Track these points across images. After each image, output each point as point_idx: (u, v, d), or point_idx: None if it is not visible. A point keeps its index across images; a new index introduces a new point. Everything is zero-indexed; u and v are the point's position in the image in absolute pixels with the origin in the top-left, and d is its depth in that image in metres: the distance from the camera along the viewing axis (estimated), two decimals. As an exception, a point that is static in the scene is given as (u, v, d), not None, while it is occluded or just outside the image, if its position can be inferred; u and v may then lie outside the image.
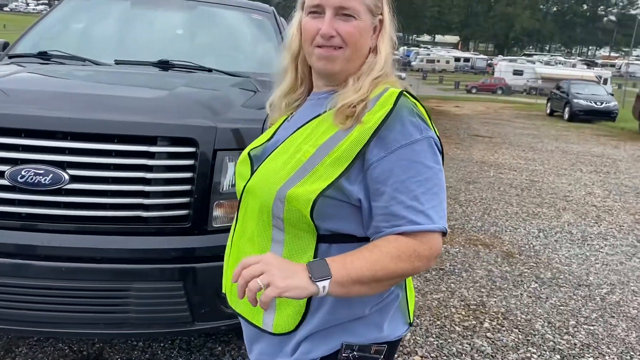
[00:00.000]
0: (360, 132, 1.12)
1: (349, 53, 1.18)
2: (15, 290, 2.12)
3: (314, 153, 1.13)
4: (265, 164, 1.22)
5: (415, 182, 1.11)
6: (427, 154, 1.13)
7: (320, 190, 1.11)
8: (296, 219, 1.14)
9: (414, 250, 1.09)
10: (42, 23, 3.72)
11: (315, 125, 1.19)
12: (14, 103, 2.27)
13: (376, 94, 1.17)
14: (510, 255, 4.95)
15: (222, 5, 4.07)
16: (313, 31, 1.18)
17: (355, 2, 1.17)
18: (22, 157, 2.10)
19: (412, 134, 1.12)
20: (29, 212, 2.13)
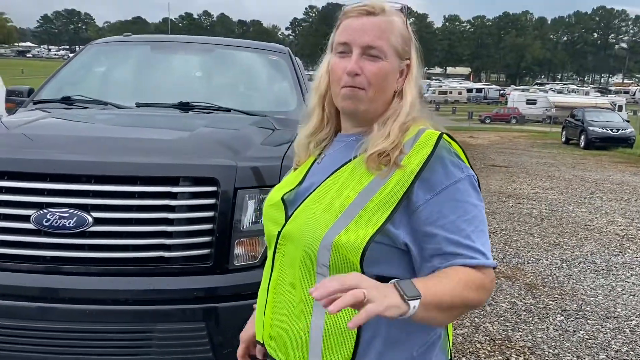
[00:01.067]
0: (401, 176, 1.12)
1: (372, 93, 1.18)
2: (40, 334, 2.13)
3: (356, 198, 1.13)
4: (303, 210, 1.20)
5: (465, 221, 1.11)
6: (470, 192, 1.14)
7: (369, 237, 1.09)
8: (342, 266, 1.12)
9: (481, 281, 1.09)
10: (65, 69, 3.84)
11: (351, 170, 1.18)
12: (39, 148, 2.33)
13: (410, 137, 1.17)
14: (534, 287, 4.86)
15: (239, 47, 4.17)
16: (340, 71, 1.19)
17: (383, 42, 1.17)
18: (47, 200, 2.14)
19: (454, 174, 1.13)
20: (53, 255, 2.15)
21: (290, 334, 1.20)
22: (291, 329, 1.20)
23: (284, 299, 1.22)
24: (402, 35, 1.21)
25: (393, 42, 1.19)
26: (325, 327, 1.14)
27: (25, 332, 2.13)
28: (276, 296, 1.24)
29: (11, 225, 2.15)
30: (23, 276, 2.15)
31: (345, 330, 1.13)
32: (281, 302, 1.22)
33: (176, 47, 4.13)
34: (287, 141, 2.76)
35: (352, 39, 1.18)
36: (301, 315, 1.18)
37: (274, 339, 1.23)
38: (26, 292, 2.13)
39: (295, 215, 1.21)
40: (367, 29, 1.18)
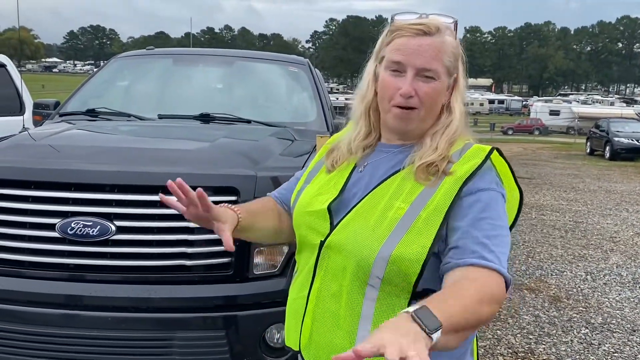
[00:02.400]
0: (451, 182, 1.13)
1: (423, 113, 1.20)
2: (63, 341, 2.17)
3: (408, 210, 1.13)
4: (351, 220, 1.19)
5: (490, 224, 1.11)
6: (499, 205, 1.15)
7: (428, 247, 1.10)
8: (396, 278, 1.12)
9: (494, 292, 1.05)
10: (90, 82, 3.93)
11: (400, 181, 1.18)
12: (65, 158, 2.39)
13: (456, 149, 1.19)
14: (558, 299, 4.77)
15: (259, 59, 4.22)
16: (392, 89, 1.19)
17: (438, 64, 1.18)
18: (72, 209, 2.19)
19: (490, 183, 1.16)
20: (77, 263, 2.20)
21: (333, 344, 1.19)
22: (334, 340, 1.19)
23: (327, 309, 1.21)
24: (453, 53, 1.22)
25: (446, 62, 1.20)
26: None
27: (50, 339, 2.17)
28: (318, 306, 1.23)
29: (37, 233, 2.20)
30: (48, 284, 2.19)
31: None
32: (323, 312, 1.21)
33: (198, 60, 4.20)
34: (306, 152, 2.79)
35: (407, 60, 1.18)
36: (346, 327, 1.17)
37: (313, 349, 1.23)
38: (51, 299, 2.18)
39: (343, 225, 1.20)
40: (422, 50, 1.17)
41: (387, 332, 0.88)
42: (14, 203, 2.24)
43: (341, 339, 1.18)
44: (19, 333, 2.19)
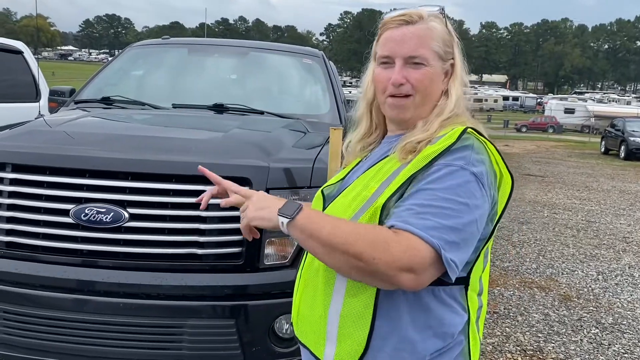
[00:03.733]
0: (417, 159, 1.16)
1: (418, 99, 1.23)
2: (75, 325, 2.19)
3: (377, 188, 1.17)
4: (335, 202, 1.27)
5: (433, 195, 1.09)
6: (460, 183, 1.10)
7: (378, 213, 1.13)
8: None
9: (384, 240, 1.05)
10: (105, 70, 3.95)
11: (382, 164, 1.23)
12: (79, 145, 2.40)
13: (442, 133, 1.20)
14: (568, 298, 4.74)
15: (273, 50, 4.22)
16: (385, 81, 1.24)
17: (424, 50, 1.21)
18: (86, 196, 2.21)
19: (456, 160, 1.12)
20: (90, 249, 2.22)
21: (312, 317, 1.26)
22: (313, 313, 1.25)
23: (311, 283, 1.28)
24: (442, 38, 1.24)
25: (434, 47, 1.22)
26: (342, 312, 1.18)
27: (61, 323, 2.19)
28: (304, 280, 1.31)
29: (51, 219, 2.23)
30: (61, 268, 2.22)
31: (360, 319, 1.17)
32: (308, 286, 1.28)
33: (212, 50, 4.20)
34: (319, 144, 2.78)
35: (394, 51, 1.22)
36: (322, 300, 1.23)
37: (300, 322, 1.30)
38: (63, 284, 2.20)
39: (329, 207, 1.28)
40: (407, 39, 1.21)
41: (258, 196, 1.23)
42: (29, 188, 2.26)
43: (317, 311, 1.24)
44: (32, 316, 2.22)
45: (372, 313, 1.15)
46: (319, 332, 1.23)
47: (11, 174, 2.28)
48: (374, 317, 1.15)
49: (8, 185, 2.28)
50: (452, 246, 1.06)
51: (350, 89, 41.86)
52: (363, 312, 1.16)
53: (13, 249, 2.28)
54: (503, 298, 4.63)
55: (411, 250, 1.04)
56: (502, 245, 6.32)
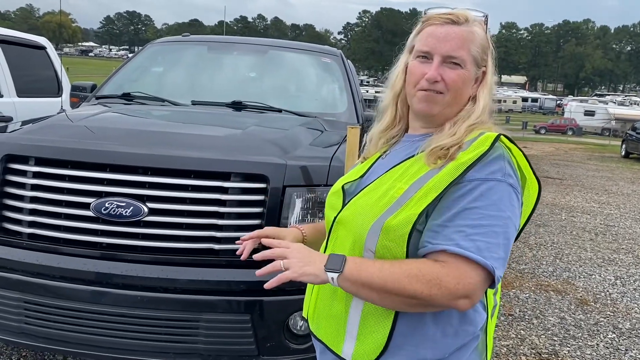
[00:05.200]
0: (452, 167, 1.14)
1: (449, 98, 1.23)
2: (92, 317, 2.23)
3: (407, 189, 1.16)
4: (358, 198, 1.25)
5: (479, 213, 1.10)
6: (501, 197, 1.12)
7: (413, 220, 1.12)
8: (388, 251, 1.16)
9: (436, 276, 1.07)
10: (126, 67, 4.00)
11: (408, 165, 1.22)
12: (100, 140, 2.44)
13: (471, 137, 1.20)
14: (585, 302, 4.69)
15: (292, 49, 4.24)
16: (419, 75, 1.23)
17: (464, 52, 1.22)
18: (106, 190, 2.24)
19: (493, 173, 1.13)
20: (109, 242, 2.26)
21: (331, 313, 1.26)
22: (332, 309, 1.26)
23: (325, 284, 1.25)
24: (481, 45, 1.25)
25: (473, 51, 1.23)
26: (364, 311, 1.20)
27: (80, 314, 2.23)
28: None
29: (72, 212, 2.27)
30: (80, 261, 2.26)
31: (382, 317, 1.18)
32: (322, 287, 1.29)
33: (231, 48, 4.23)
34: (335, 143, 2.79)
35: (434, 47, 1.22)
36: (342, 297, 1.23)
37: (316, 317, 1.31)
38: (82, 276, 2.24)
39: (351, 202, 1.26)
40: (450, 38, 1.21)
41: (296, 252, 1.15)
42: (51, 181, 2.31)
43: (338, 308, 1.24)
44: (52, 307, 2.26)
45: (394, 312, 1.17)
46: (339, 328, 1.24)
47: (34, 167, 2.32)
48: (396, 316, 1.17)
49: (31, 178, 2.33)
50: (501, 262, 1.10)
51: (368, 88, 41.76)
52: (385, 311, 1.17)
53: (35, 240, 2.32)
54: (518, 300, 4.60)
55: (464, 279, 1.07)
56: (519, 248, 6.27)
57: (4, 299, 2.31)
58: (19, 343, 2.39)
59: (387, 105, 1.36)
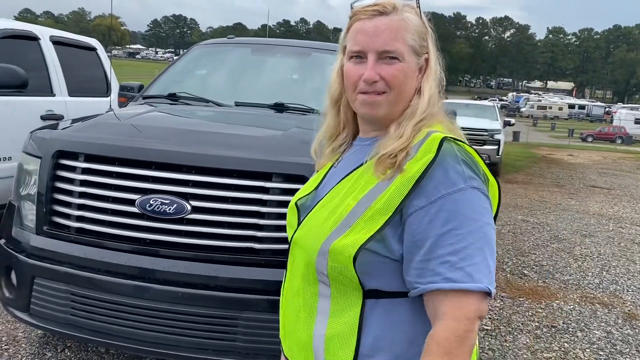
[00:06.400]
0: (401, 183, 1.05)
1: (393, 97, 1.12)
2: (134, 311, 2.28)
3: (355, 206, 1.07)
4: (310, 216, 1.17)
5: (456, 235, 1.02)
6: (471, 205, 1.04)
7: (360, 243, 1.05)
8: (340, 275, 1.08)
9: (457, 331, 1.01)
10: (172, 68, 4.09)
11: (357, 177, 1.13)
12: (146, 138, 2.50)
13: (419, 139, 1.09)
14: (633, 317, 4.51)
15: (335, 51, 4.23)
16: (356, 77, 1.13)
17: (399, 44, 1.11)
18: (151, 187, 2.29)
19: (454, 183, 1.03)
20: (153, 238, 2.30)
21: (297, 337, 1.19)
22: (297, 333, 1.19)
23: (292, 303, 1.21)
24: (417, 31, 1.14)
25: (409, 41, 1.12)
26: (327, 335, 1.12)
27: (122, 308, 2.29)
28: (286, 300, 1.24)
29: (118, 207, 2.33)
30: (124, 255, 2.32)
31: (346, 339, 1.11)
32: (290, 306, 1.22)
33: (275, 50, 4.27)
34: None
35: (366, 45, 1.11)
36: (305, 321, 1.17)
37: (287, 340, 1.24)
38: (125, 270, 2.30)
39: (305, 221, 1.18)
40: (380, 31, 1.11)
41: None
42: (99, 177, 2.38)
43: (302, 333, 1.17)
44: (96, 300, 2.32)
45: (357, 332, 1.10)
46: (306, 352, 1.17)
47: (83, 164, 2.40)
48: (359, 337, 1.10)
49: (80, 174, 2.40)
50: (492, 276, 1.04)
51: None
52: (348, 332, 1.11)
53: (82, 234, 2.40)
54: (562, 312, 4.45)
55: (468, 312, 1.02)
56: (563, 258, 6.08)
57: (52, 290, 2.39)
58: (64, 334, 2.46)
59: (328, 112, 1.26)
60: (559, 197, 10.14)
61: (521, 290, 4.82)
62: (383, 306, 1.10)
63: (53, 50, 4.85)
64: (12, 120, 4.16)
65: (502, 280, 5.05)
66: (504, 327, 3.98)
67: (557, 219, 8.06)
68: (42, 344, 3.12)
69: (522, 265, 5.59)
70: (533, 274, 5.32)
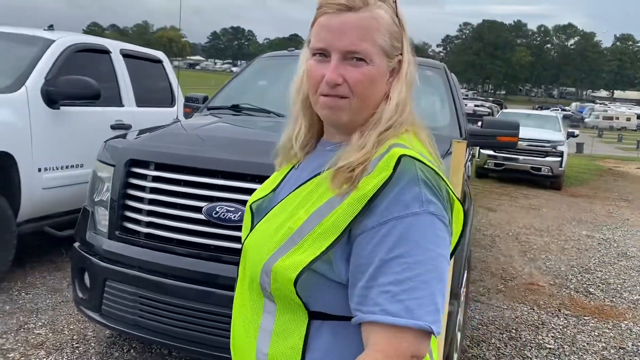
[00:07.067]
0: (353, 200, 0.95)
1: (356, 103, 1.01)
2: (198, 315, 2.36)
3: (306, 221, 0.99)
4: (261, 224, 1.09)
5: (402, 263, 0.91)
6: (424, 232, 0.93)
7: (304, 265, 0.96)
8: (284, 295, 1.00)
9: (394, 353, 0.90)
10: (236, 80, 4.21)
11: (313, 187, 1.03)
12: (212, 148, 2.59)
13: (380, 153, 0.99)
14: None
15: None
16: (318, 77, 1.02)
17: (367, 45, 1.00)
18: (217, 195, 2.37)
19: (408, 206, 0.93)
20: (217, 244, 2.38)
21: (244, 350, 1.12)
22: (244, 346, 1.12)
23: (241, 314, 1.14)
24: (389, 31, 1.02)
25: (379, 41, 1.01)
26: (270, 354, 1.05)
27: (187, 312, 2.37)
28: (235, 310, 1.17)
29: (185, 214, 2.42)
30: (191, 261, 2.40)
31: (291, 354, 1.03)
32: (237, 317, 1.15)
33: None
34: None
35: (330, 42, 1.00)
36: (250, 336, 1.10)
37: (235, 351, 1.17)
38: (191, 275, 2.38)
39: (256, 228, 1.11)
40: (347, 29, 0.99)
41: None
42: (167, 185, 2.48)
43: (248, 346, 1.10)
44: (163, 302, 2.41)
45: (300, 355, 1.01)
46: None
47: (154, 172, 2.51)
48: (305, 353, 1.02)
49: (150, 182, 2.51)
50: (438, 314, 0.93)
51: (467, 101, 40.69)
52: (291, 354, 1.02)
53: (151, 239, 2.50)
54: (631, 333, 4.24)
55: (400, 349, 0.91)
56: (632, 276, 5.79)
57: (122, 292, 2.50)
58: (131, 334, 2.57)
59: (298, 111, 1.15)
60: (627, 212, 9.66)
61: (586, 309, 4.62)
62: (329, 328, 1.01)
63: (123, 63, 5.10)
64: (85, 129, 4.40)
65: (565, 297, 4.87)
66: (568, 346, 3.83)
67: (625, 236, 7.68)
68: (110, 343, 3.26)
69: (587, 282, 5.37)
70: (599, 292, 5.09)
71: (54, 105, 4.09)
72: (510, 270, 5.52)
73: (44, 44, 4.33)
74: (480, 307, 4.41)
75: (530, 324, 4.17)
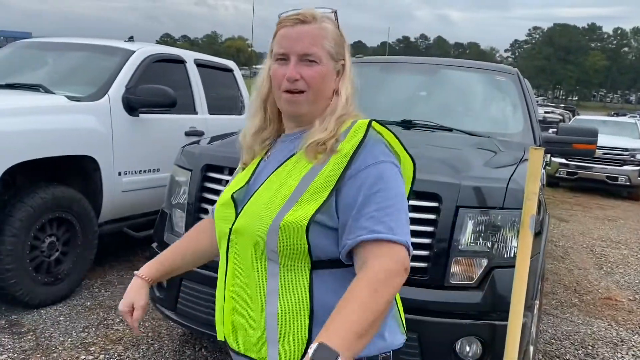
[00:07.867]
0: (337, 159, 1.21)
1: (312, 95, 1.27)
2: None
3: (298, 184, 1.21)
4: (251, 204, 1.27)
5: (380, 196, 1.17)
6: (392, 175, 1.21)
7: (310, 215, 1.17)
8: (290, 249, 1.18)
9: (385, 271, 1.11)
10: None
11: (295, 161, 1.27)
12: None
13: (345, 128, 1.27)
14: None
15: (464, 67, 4.18)
16: (280, 77, 1.28)
17: (317, 49, 1.26)
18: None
19: (378, 157, 1.21)
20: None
21: (249, 322, 1.26)
22: (250, 319, 1.26)
23: (242, 291, 1.27)
24: (334, 39, 1.30)
25: (327, 47, 1.28)
26: (279, 313, 1.21)
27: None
28: (235, 289, 1.29)
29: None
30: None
31: (297, 315, 1.20)
32: (239, 295, 1.28)
33: (403, 68, 4.31)
34: (511, 164, 2.68)
35: (289, 48, 1.27)
36: (257, 304, 1.24)
37: (235, 332, 1.29)
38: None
39: (245, 210, 1.28)
40: (301, 37, 1.26)
41: None
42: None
43: (255, 316, 1.24)
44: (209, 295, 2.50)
45: (308, 305, 1.19)
46: (259, 337, 1.24)
47: (228, 177, 2.60)
48: (312, 309, 1.19)
49: (225, 186, 2.59)
50: (409, 236, 1.18)
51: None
52: (299, 308, 1.20)
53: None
54: None
55: (400, 256, 1.14)
56: None
57: (196, 291, 2.60)
58: (202, 333, 2.66)
59: (256, 110, 1.39)
60: None
61: (670, 327, 4.34)
62: (331, 275, 1.22)
63: (196, 72, 5.30)
64: (161, 136, 4.60)
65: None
66: (651, 366, 3.61)
67: None
68: (182, 342, 3.39)
69: (671, 299, 5.04)
70: (685, 310, 4.77)
71: (133, 112, 4.30)
72: (585, 283, 5.28)
73: (124, 54, 4.56)
74: (553, 320, 4.24)
75: (608, 340, 3.97)
